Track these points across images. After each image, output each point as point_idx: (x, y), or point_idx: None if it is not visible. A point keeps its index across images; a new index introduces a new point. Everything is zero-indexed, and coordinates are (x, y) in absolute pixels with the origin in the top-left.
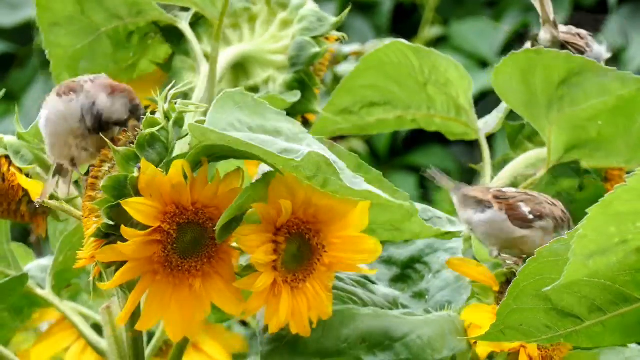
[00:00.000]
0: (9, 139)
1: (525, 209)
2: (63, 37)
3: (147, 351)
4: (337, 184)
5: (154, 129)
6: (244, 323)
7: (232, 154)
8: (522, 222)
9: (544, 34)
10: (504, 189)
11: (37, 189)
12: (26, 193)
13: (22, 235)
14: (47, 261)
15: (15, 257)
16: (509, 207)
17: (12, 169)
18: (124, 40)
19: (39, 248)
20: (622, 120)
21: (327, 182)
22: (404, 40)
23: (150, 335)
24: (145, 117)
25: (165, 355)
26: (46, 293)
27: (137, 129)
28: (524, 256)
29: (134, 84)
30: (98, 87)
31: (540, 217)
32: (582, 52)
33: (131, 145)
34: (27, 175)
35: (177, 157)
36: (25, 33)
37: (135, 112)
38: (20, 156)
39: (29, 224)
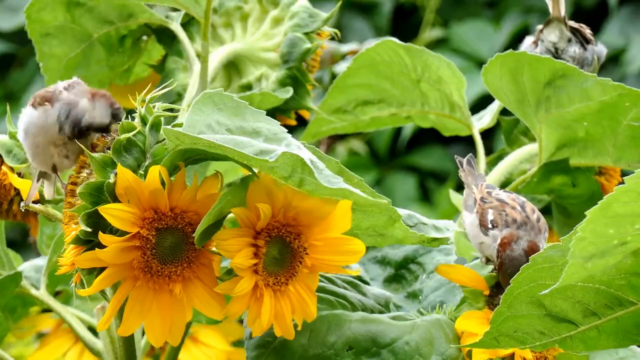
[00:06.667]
0: (1, 138)
1: (489, 216)
2: (56, 47)
3: (140, 349)
4: (313, 183)
5: (130, 134)
6: None
7: (208, 156)
8: (485, 228)
9: (551, 32)
10: (493, 192)
11: (29, 189)
12: (18, 192)
13: (21, 236)
14: (41, 261)
15: (10, 258)
16: (482, 213)
17: (3, 168)
18: (116, 45)
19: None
20: (606, 122)
21: (303, 182)
22: (395, 39)
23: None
24: (121, 122)
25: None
26: (41, 293)
27: (115, 134)
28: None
29: (130, 88)
30: (77, 93)
31: (495, 226)
32: (588, 42)
33: (108, 150)
34: (19, 174)
35: (154, 161)
36: (25, 34)
37: (117, 116)
38: (12, 155)
39: (24, 225)
